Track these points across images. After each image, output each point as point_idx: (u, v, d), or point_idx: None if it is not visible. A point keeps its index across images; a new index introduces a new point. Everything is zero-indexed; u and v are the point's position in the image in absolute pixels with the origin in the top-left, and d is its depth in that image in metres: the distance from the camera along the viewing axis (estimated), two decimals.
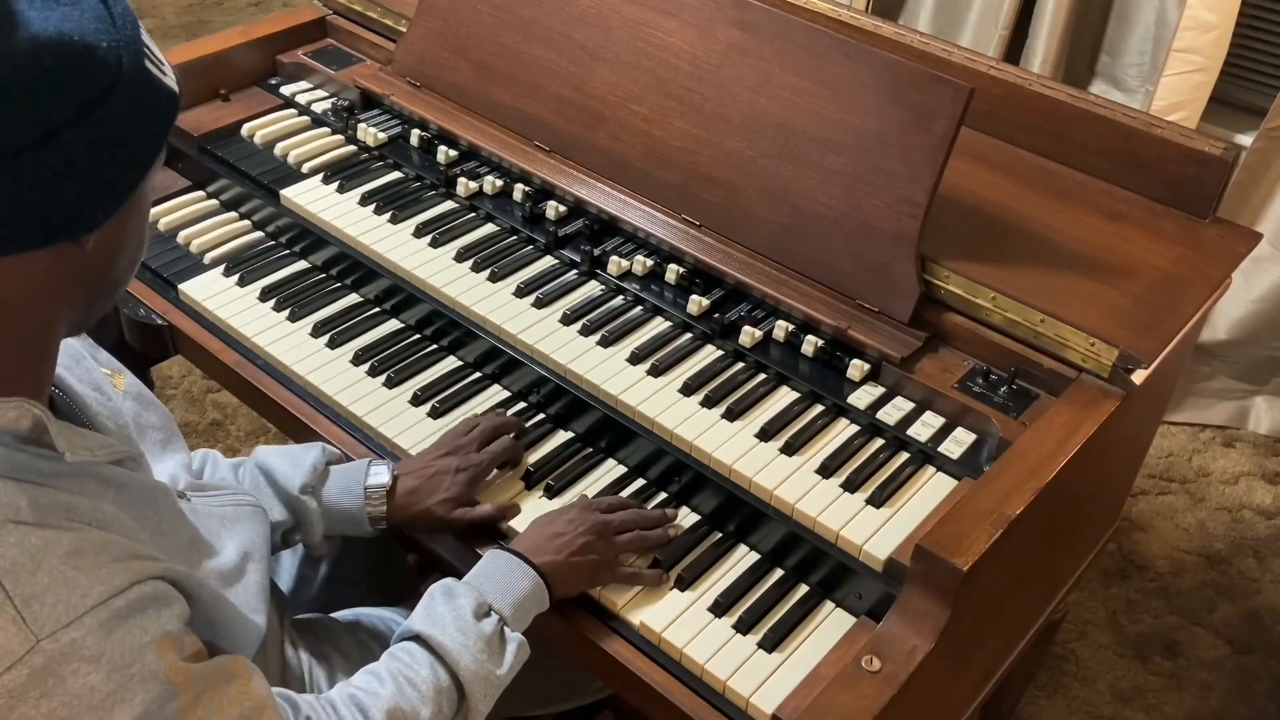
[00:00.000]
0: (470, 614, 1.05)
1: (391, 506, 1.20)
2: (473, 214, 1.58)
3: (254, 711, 0.85)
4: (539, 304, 1.42)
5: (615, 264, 1.45)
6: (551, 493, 1.27)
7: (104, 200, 0.75)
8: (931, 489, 1.22)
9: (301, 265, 1.58)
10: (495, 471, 1.27)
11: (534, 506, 1.25)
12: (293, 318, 1.48)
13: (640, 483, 1.29)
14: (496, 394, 1.39)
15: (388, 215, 1.56)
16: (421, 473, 1.22)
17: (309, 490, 1.18)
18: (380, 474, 1.20)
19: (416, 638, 1.05)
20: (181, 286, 1.53)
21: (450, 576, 1.11)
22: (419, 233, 1.53)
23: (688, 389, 1.31)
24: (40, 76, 0.69)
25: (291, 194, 1.60)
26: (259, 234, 1.64)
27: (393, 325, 1.49)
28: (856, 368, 1.31)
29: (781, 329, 1.36)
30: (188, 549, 0.96)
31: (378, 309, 1.51)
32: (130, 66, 0.74)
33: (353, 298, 1.53)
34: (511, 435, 1.29)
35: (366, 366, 1.41)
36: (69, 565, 0.74)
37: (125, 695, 0.75)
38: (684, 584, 1.17)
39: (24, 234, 0.72)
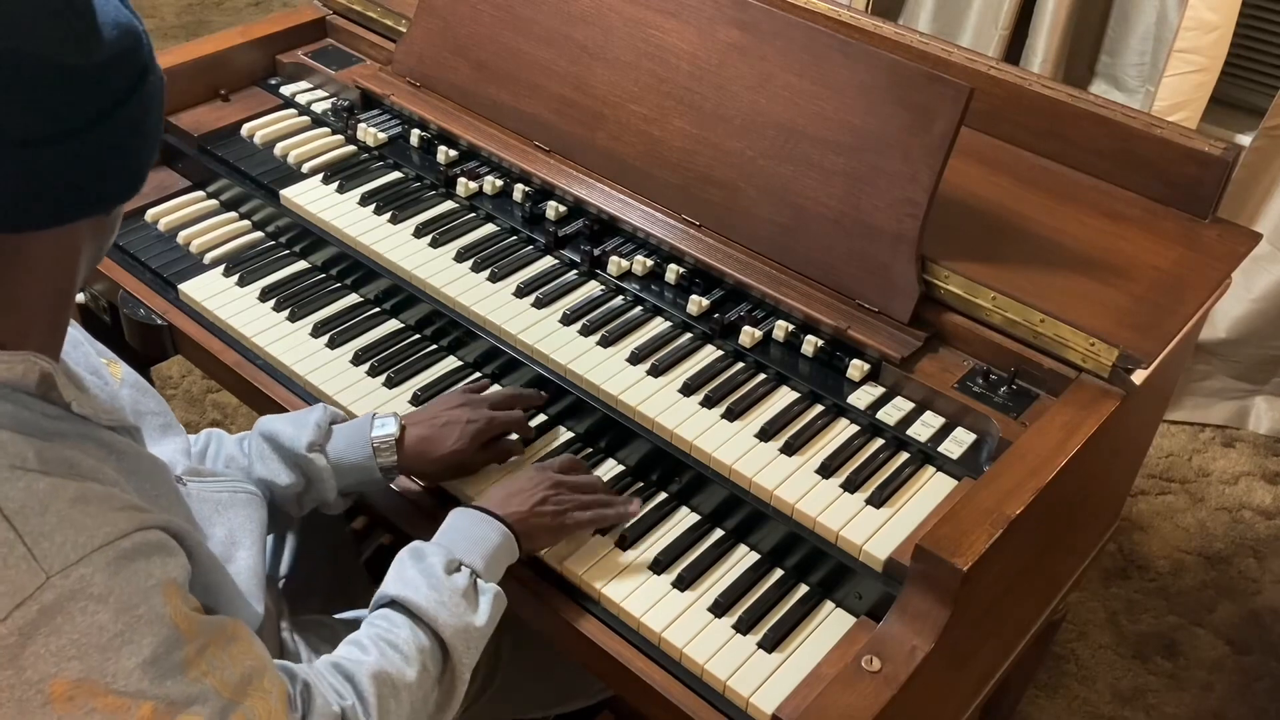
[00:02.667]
0: (441, 570, 1.06)
1: (403, 455, 1.21)
2: (473, 214, 1.58)
3: (255, 672, 0.86)
4: (539, 304, 1.43)
5: (615, 264, 1.45)
6: None
7: (140, 171, 0.81)
8: (931, 489, 1.22)
9: (301, 265, 1.58)
10: (496, 467, 1.27)
11: None
12: (293, 318, 1.48)
13: (640, 483, 1.29)
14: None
15: (388, 215, 1.56)
16: (432, 422, 1.23)
17: (316, 448, 1.19)
18: (387, 424, 1.21)
19: (392, 602, 1.05)
20: (181, 286, 1.53)
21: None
22: (419, 233, 1.53)
23: (688, 389, 1.31)
24: (115, 60, 0.75)
25: (291, 194, 1.60)
26: (259, 234, 1.64)
27: (393, 325, 1.49)
28: (856, 368, 1.31)
29: (781, 329, 1.36)
30: (188, 525, 0.96)
31: (378, 309, 1.51)
32: (150, 46, 0.80)
33: (353, 298, 1.53)
34: (522, 411, 1.30)
35: (366, 366, 1.41)
36: (75, 509, 0.76)
37: (133, 636, 0.76)
38: (684, 584, 1.17)
39: (79, 205, 0.77)
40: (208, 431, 1.24)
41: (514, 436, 1.30)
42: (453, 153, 1.64)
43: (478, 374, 1.42)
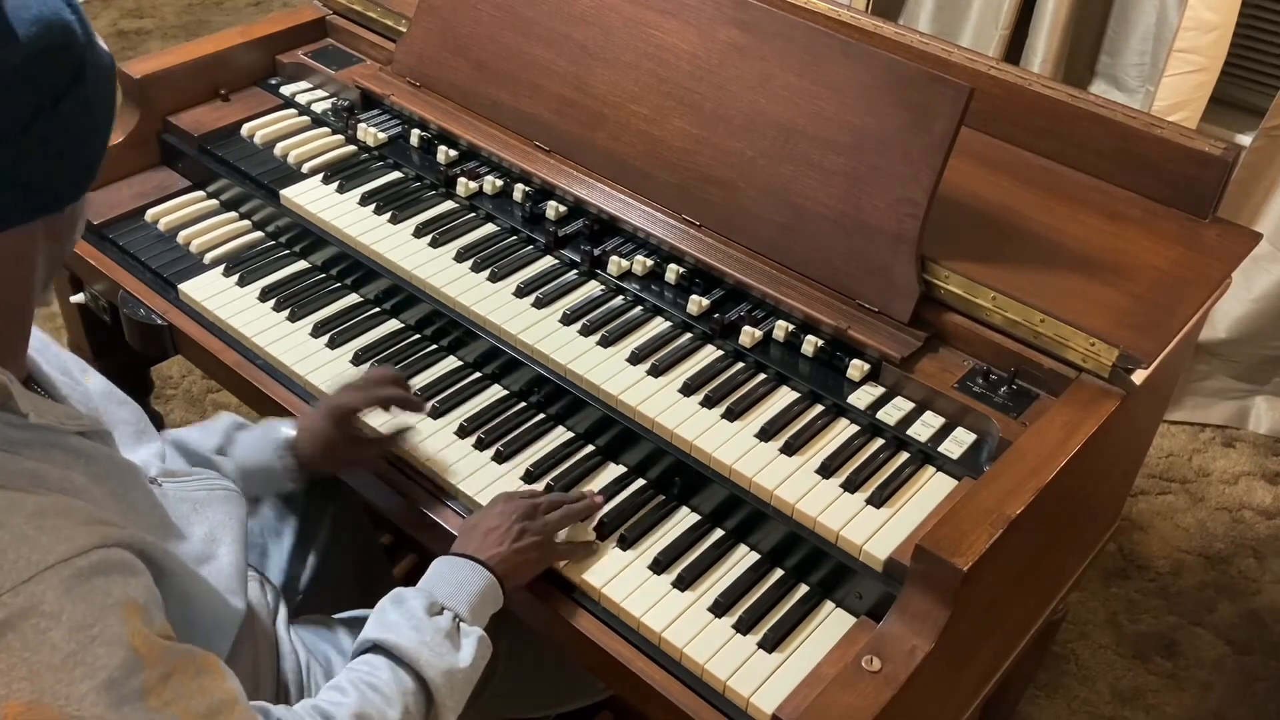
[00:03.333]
0: (423, 612, 1.05)
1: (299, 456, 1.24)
2: (473, 214, 1.58)
3: (225, 706, 0.83)
4: (539, 304, 1.42)
5: (615, 264, 1.45)
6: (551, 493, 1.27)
7: (88, 168, 0.79)
8: (931, 489, 1.22)
9: (301, 265, 1.58)
10: (497, 467, 1.27)
11: None
12: (293, 318, 1.48)
13: (640, 483, 1.29)
14: (496, 394, 1.39)
15: (388, 215, 1.56)
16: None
17: (221, 452, 1.22)
18: (285, 428, 1.24)
19: (374, 647, 1.04)
20: (181, 286, 1.53)
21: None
22: (419, 233, 1.53)
23: (688, 389, 1.31)
24: (38, 58, 0.72)
25: (291, 194, 1.60)
26: (259, 234, 1.64)
27: (393, 325, 1.49)
28: (856, 368, 1.31)
29: (781, 329, 1.36)
30: (159, 529, 0.95)
31: (378, 309, 1.51)
32: (87, 38, 0.78)
33: (353, 298, 1.53)
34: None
35: (367, 366, 1.41)
36: (31, 525, 0.74)
37: (87, 658, 0.74)
38: (684, 584, 1.17)
39: (23, 208, 0.75)
40: (168, 431, 1.24)
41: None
42: (453, 153, 1.64)
43: (477, 374, 1.42)
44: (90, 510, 0.79)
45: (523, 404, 1.38)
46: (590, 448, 1.33)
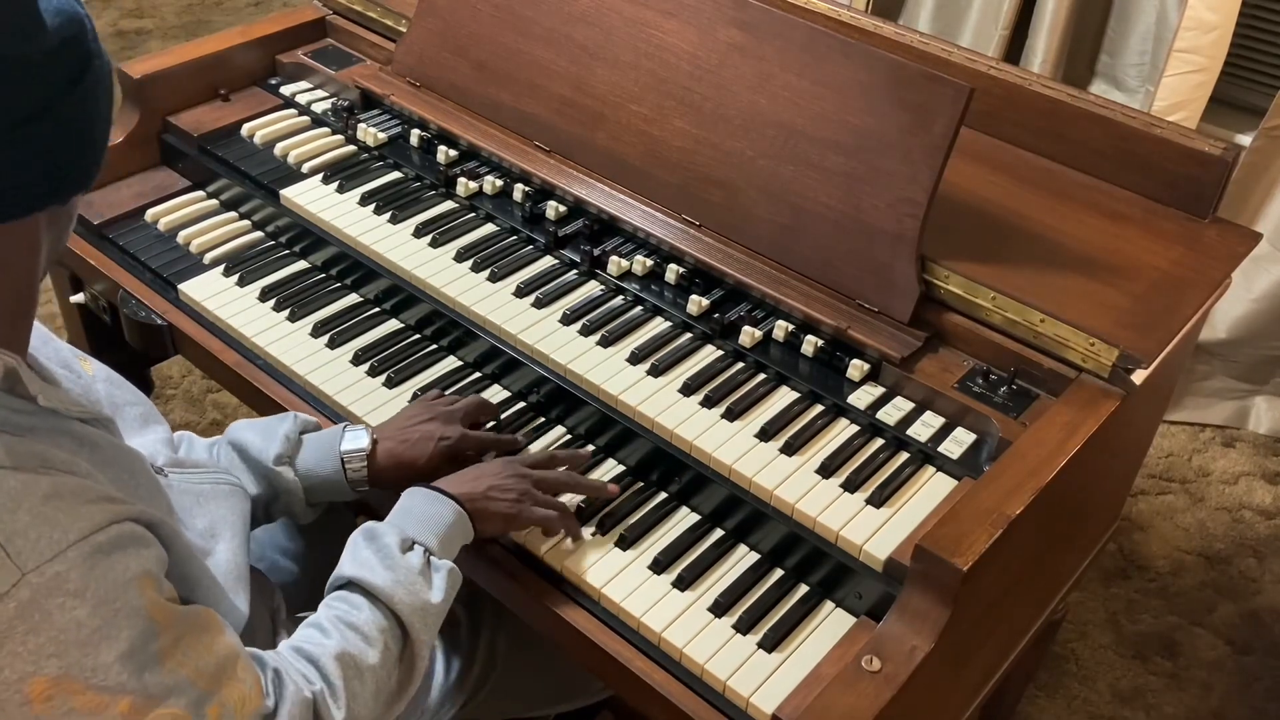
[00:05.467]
0: (396, 550, 1.06)
1: (374, 469, 1.20)
2: (473, 214, 1.58)
3: (229, 661, 0.86)
4: (539, 304, 1.42)
5: (615, 264, 1.45)
6: None
7: (95, 157, 0.81)
8: (931, 489, 1.22)
9: (301, 265, 1.58)
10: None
11: None
12: (293, 318, 1.48)
13: (640, 483, 1.29)
14: (496, 394, 1.39)
15: (388, 215, 1.56)
16: (404, 438, 1.22)
17: (284, 460, 1.19)
18: (359, 438, 1.21)
19: (349, 583, 1.05)
20: (181, 286, 1.53)
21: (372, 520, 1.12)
22: (419, 233, 1.53)
23: (688, 389, 1.31)
24: (59, 48, 0.75)
25: (291, 194, 1.60)
26: (259, 234, 1.64)
27: (393, 325, 1.49)
28: (856, 368, 1.31)
29: (781, 329, 1.36)
30: (165, 513, 0.95)
31: (378, 309, 1.51)
32: (92, 30, 0.80)
33: (353, 298, 1.53)
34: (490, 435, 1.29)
35: (366, 366, 1.41)
36: (48, 506, 0.75)
37: (111, 631, 0.76)
38: (684, 584, 1.17)
39: (37, 194, 0.77)
40: (180, 433, 1.23)
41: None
42: (453, 153, 1.64)
43: (477, 374, 1.42)
44: (99, 488, 0.80)
45: (522, 404, 1.38)
46: (590, 447, 1.33)
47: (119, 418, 1.08)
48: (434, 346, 1.46)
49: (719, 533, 1.24)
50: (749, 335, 1.35)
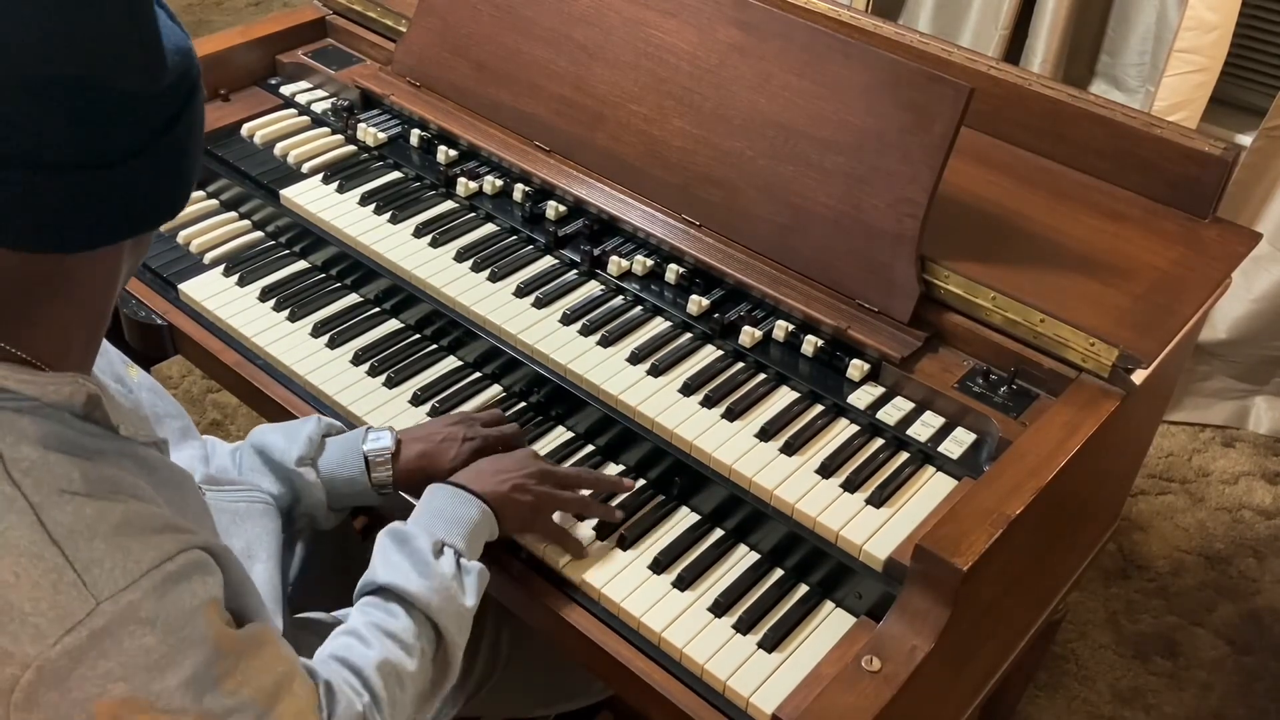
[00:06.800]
0: (429, 555, 1.06)
1: (398, 471, 1.20)
2: (473, 214, 1.58)
3: (286, 678, 0.86)
4: (539, 304, 1.43)
5: (615, 264, 1.45)
6: None
7: (189, 186, 0.82)
8: (931, 489, 1.22)
9: (301, 265, 1.58)
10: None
11: None
12: (293, 318, 1.48)
13: (640, 483, 1.29)
14: (496, 394, 1.39)
15: (388, 215, 1.56)
16: (430, 438, 1.22)
17: (306, 462, 1.18)
18: (381, 438, 1.20)
19: (382, 589, 1.05)
20: (181, 286, 1.53)
21: (396, 521, 1.11)
22: (419, 233, 1.53)
23: (688, 389, 1.31)
24: (174, 84, 0.76)
25: (291, 194, 1.60)
26: (259, 234, 1.64)
27: (393, 325, 1.49)
28: (856, 368, 1.31)
29: (781, 329, 1.36)
30: (213, 534, 0.96)
31: (378, 309, 1.51)
32: (199, 64, 0.81)
33: (353, 298, 1.53)
34: (512, 426, 1.30)
35: (366, 366, 1.41)
36: (121, 534, 0.76)
37: (177, 658, 0.77)
38: (684, 584, 1.17)
39: (133, 222, 0.78)
40: (205, 438, 1.23)
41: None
42: (453, 153, 1.64)
43: (477, 374, 1.42)
44: (165, 516, 0.81)
45: (523, 404, 1.38)
46: (590, 447, 1.33)
47: (161, 429, 1.08)
48: (434, 346, 1.46)
49: (719, 533, 1.24)
50: (749, 335, 1.35)
